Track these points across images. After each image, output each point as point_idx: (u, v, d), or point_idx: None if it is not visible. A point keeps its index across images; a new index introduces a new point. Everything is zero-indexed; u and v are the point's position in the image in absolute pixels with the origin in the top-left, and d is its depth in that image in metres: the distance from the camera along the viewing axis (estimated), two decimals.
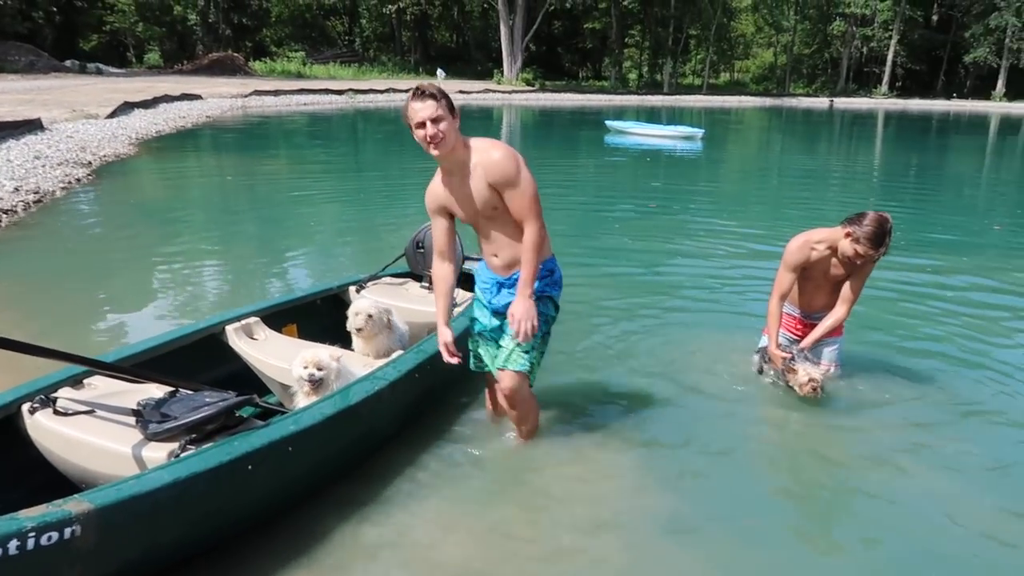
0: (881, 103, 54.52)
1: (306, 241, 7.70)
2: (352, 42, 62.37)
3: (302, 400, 3.10)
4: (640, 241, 7.82)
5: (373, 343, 3.70)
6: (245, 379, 3.51)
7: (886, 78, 59.66)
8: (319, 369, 3.05)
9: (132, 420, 2.51)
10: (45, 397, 2.60)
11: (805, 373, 3.80)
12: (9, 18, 41.13)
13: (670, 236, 8.12)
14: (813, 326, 4.07)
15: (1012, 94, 55.33)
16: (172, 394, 2.68)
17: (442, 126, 2.79)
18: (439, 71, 45.03)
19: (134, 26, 54.52)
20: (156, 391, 2.73)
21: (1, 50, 36.96)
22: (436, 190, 3.07)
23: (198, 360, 3.39)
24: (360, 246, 7.39)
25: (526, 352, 3.09)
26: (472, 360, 3.38)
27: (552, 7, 51.47)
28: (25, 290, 5.68)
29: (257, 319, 3.67)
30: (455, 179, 2.97)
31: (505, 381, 3.14)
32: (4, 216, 7.78)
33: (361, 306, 3.65)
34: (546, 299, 3.13)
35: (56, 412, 2.55)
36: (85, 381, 2.80)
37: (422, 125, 2.81)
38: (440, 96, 2.84)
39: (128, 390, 2.77)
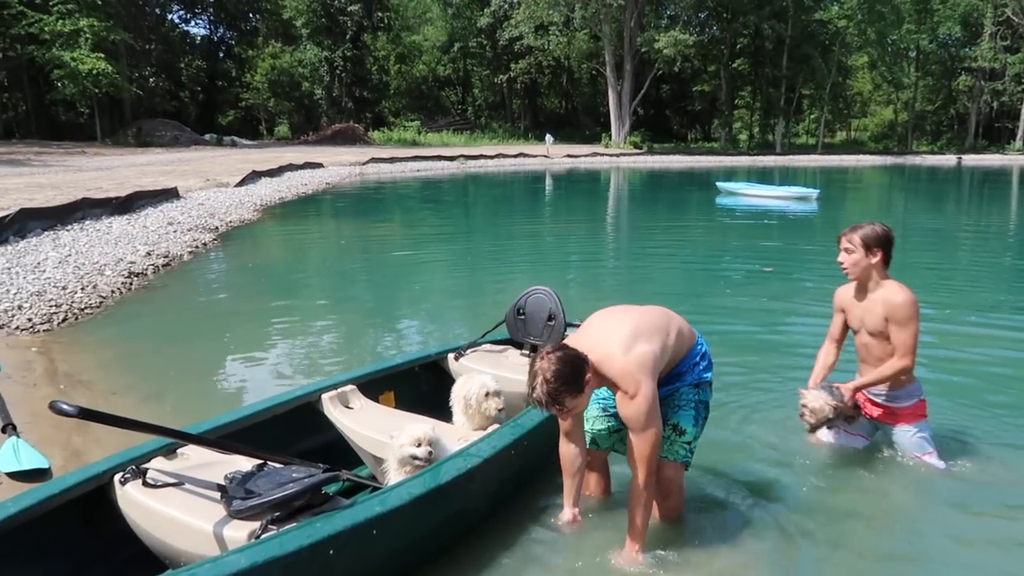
0: (1015, 159, 51.03)
1: (411, 305, 7.75)
2: (465, 110, 64.81)
3: (393, 476, 2.96)
4: (755, 301, 7.42)
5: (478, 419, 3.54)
6: (340, 449, 3.43)
7: (1020, 133, 56.00)
8: (430, 448, 2.90)
9: (217, 495, 2.44)
10: (136, 468, 2.57)
11: (806, 399, 3.66)
12: (159, 97, 45.35)
13: (787, 297, 7.69)
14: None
15: None
16: (260, 467, 2.61)
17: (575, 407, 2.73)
18: (548, 136, 45.85)
19: (267, 102, 58.90)
20: (245, 463, 2.66)
21: (150, 126, 40.61)
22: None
23: (293, 429, 3.34)
24: (464, 311, 7.35)
25: (690, 440, 2.95)
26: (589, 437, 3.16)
27: (660, 71, 51.76)
28: (142, 350, 5.92)
29: (354, 387, 3.60)
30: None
31: (667, 472, 2.96)
32: (135, 279, 8.26)
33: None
34: (705, 385, 2.97)
35: (145, 484, 2.52)
36: (178, 451, 2.77)
37: None
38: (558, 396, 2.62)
39: (219, 461, 2.71)
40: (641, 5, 49.64)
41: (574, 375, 2.60)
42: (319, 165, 27.82)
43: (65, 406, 2.08)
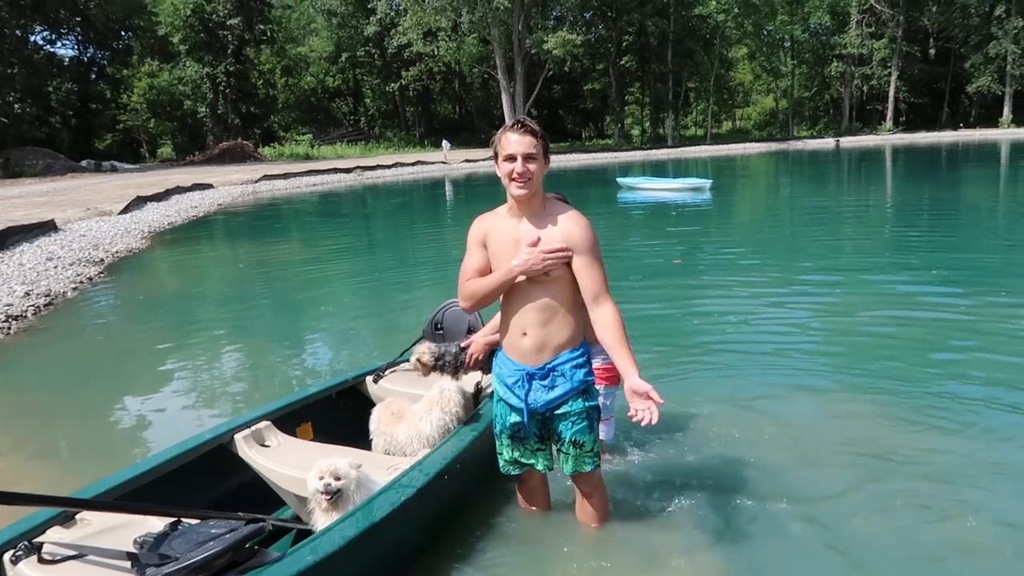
0: (887, 139, 54.54)
1: (320, 328, 7.45)
2: (357, 121, 63.79)
3: (319, 515, 2.78)
4: (668, 294, 7.55)
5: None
6: (260, 491, 3.21)
7: (890, 114, 59.86)
8: (336, 479, 2.73)
9: (128, 564, 2.19)
10: (29, 543, 2.29)
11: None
12: (27, 124, 42.52)
13: (692, 286, 7.86)
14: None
15: (1020, 119, 55.21)
16: (174, 526, 2.37)
17: (532, 166, 2.62)
18: (444, 142, 45.66)
19: (147, 123, 56.14)
20: (156, 523, 2.41)
21: (19, 155, 38.00)
22: (490, 223, 2.83)
23: (206, 476, 3.10)
24: (376, 330, 7.10)
25: (591, 448, 2.86)
26: (504, 463, 3.05)
27: (551, 72, 52.43)
28: (27, 402, 5.44)
29: (268, 423, 3.38)
30: (518, 223, 2.75)
31: (584, 485, 2.96)
32: (14, 323, 7.62)
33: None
34: (591, 387, 2.87)
35: (42, 560, 2.24)
36: (78, 517, 2.49)
37: (512, 158, 2.61)
38: (540, 135, 2.65)
39: (125, 524, 2.45)
40: (528, 7, 50.09)
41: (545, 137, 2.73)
42: (208, 186, 26.71)
43: None
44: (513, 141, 2.63)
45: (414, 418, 3.46)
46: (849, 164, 33.68)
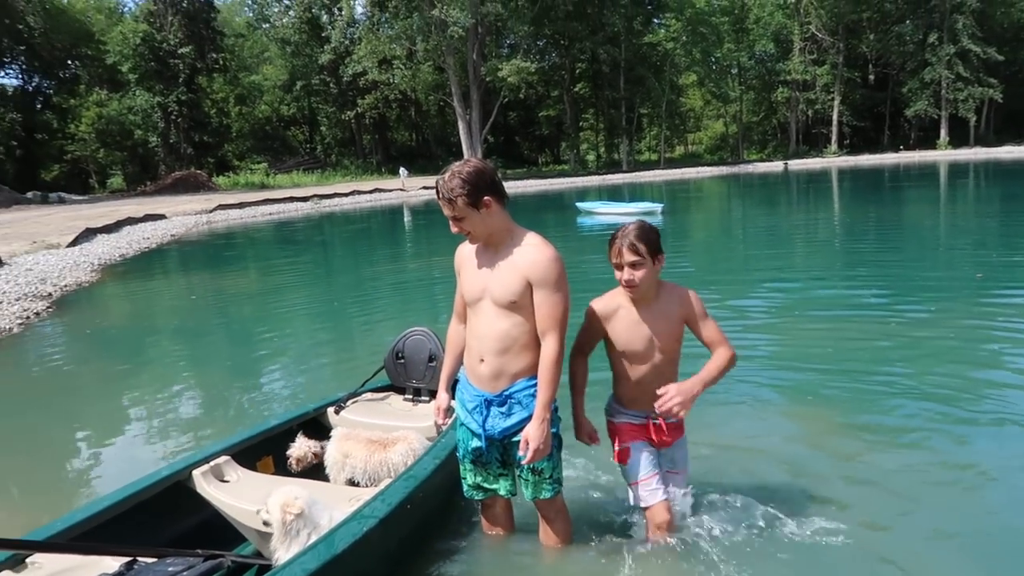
0: (833, 161, 56.26)
1: (279, 359, 7.34)
2: (313, 149, 63.49)
3: (280, 548, 2.74)
4: None
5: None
6: (220, 528, 3.15)
7: (834, 137, 61.74)
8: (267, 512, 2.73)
9: None
10: None
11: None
12: None
13: None
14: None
15: (955, 142, 57.43)
16: (129, 566, 2.33)
17: (464, 224, 2.71)
18: (402, 170, 45.67)
19: (95, 153, 55.07)
20: (111, 563, 2.36)
21: None
22: (464, 251, 2.91)
23: (163, 514, 3.04)
24: (336, 360, 7.00)
25: (550, 475, 2.87)
26: (467, 488, 3.06)
27: (506, 99, 52.97)
28: None
29: (227, 457, 3.33)
30: (487, 252, 2.79)
31: (546, 511, 2.99)
32: None
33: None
34: (554, 417, 2.85)
35: None
36: (28, 560, 2.43)
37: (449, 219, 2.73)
38: (455, 195, 2.64)
39: (79, 566, 2.40)
40: (481, 36, 50.67)
41: (478, 185, 2.64)
42: (161, 216, 26.28)
43: None
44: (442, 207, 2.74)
45: (410, 436, 3.51)
46: (798, 185, 34.60)
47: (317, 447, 3.59)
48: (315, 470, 3.57)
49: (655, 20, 59.15)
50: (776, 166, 55.19)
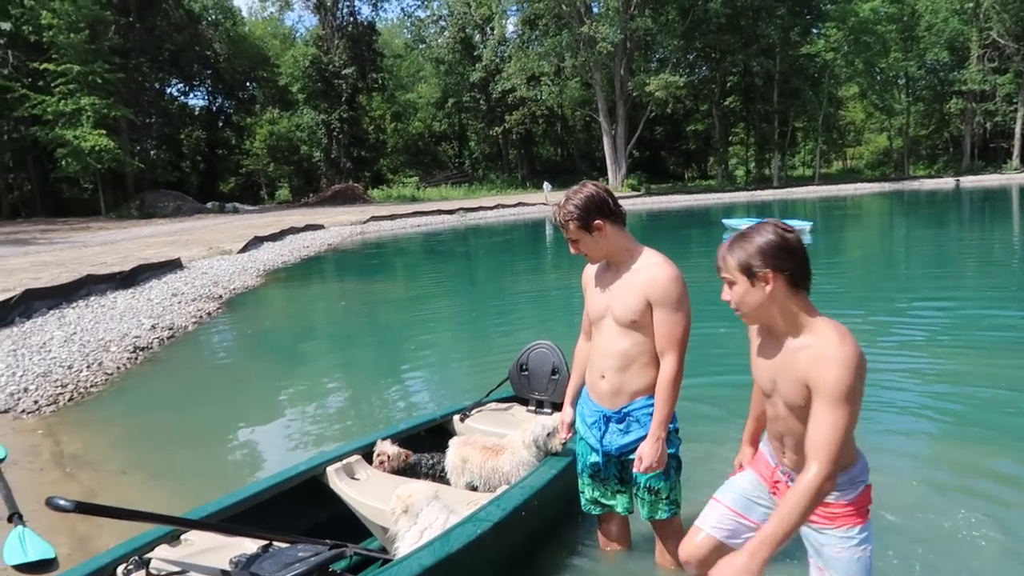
0: (1014, 178, 51.21)
1: (416, 366, 7.70)
2: (462, 163, 65.67)
3: (403, 544, 2.90)
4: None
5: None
6: (348, 522, 3.37)
7: (1016, 152, 56.26)
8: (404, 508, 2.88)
9: None
10: (139, 558, 2.53)
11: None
12: (161, 169, 46.20)
13: None
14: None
15: None
16: (265, 548, 2.56)
17: (580, 246, 2.84)
18: (545, 184, 46.27)
19: (266, 167, 59.87)
20: (250, 545, 2.61)
21: (153, 198, 41.21)
22: (589, 270, 3.01)
23: (298, 505, 3.29)
24: (470, 369, 7.25)
25: (667, 495, 2.88)
26: (585, 502, 3.11)
27: (653, 114, 52.44)
28: (149, 426, 5.90)
29: (359, 457, 3.56)
30: (609, 272, 2.88)
31: (661, 531, 2.99)
32: (141, 353, 8.26)
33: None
34: (673, 438, 2.88)
35: (149, 574, 2.47)
36: (182, 537, 2.73)
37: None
38: (566, 220, 2.80)
39: (223, 545, 2.66)
40: (630, 51, 50.55)
41: (589, 209, 2.74)
42: (320, 227, 28.08)
43: (62, 502, 2.05)
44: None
45: (518, 446, 3.59)
46: (972, 204, 31.87)
47: (404, 452, 3.68)
48: (441, 474, 3.73)
49: (814, 30, 56.36)
50: (946, 183, 51.04)
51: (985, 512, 3.55)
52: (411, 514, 2.86)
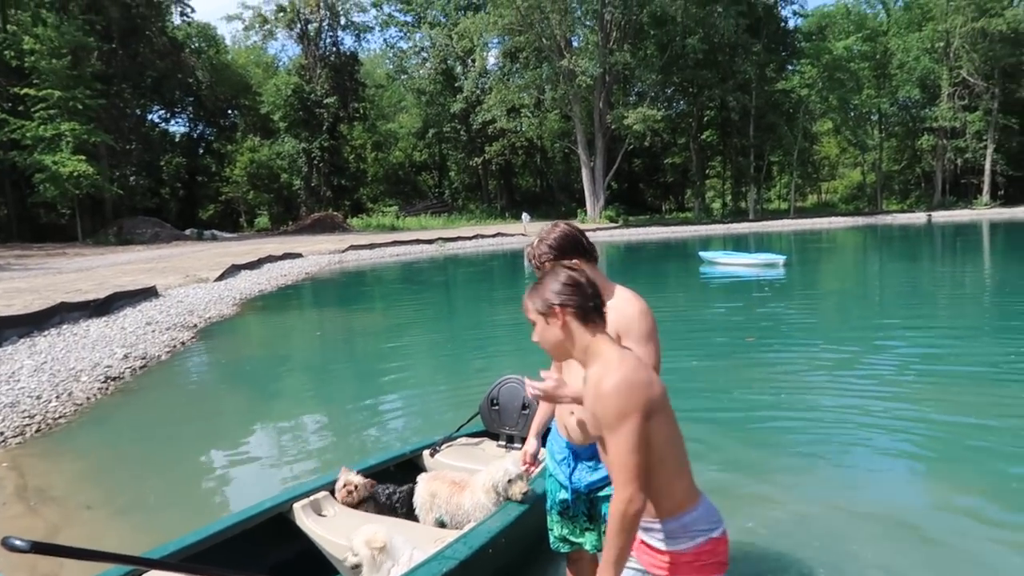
0: (984, 213, 52.37)
1: (391, 398, 7.67)
2: (442, 193, 65.89)
3: None
4: (744, 373, 7.45)
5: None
6: (315, 559, 3.36)
7: (986, 188, 57.60)
8: (354, 555, 2.89)
9: None
10: None
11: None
12: (140, 195, 45.92)
13: (764, 364, 7.73)
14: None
15: None
16: None
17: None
18: (524, 215, 46.55)
19: (246, 194, 59.76)
20: None
21: (131, 224, 40.89)
22: None
23: (264, 543, 3.27)
24: (445, 402, 7.21)
25: None
26: (554, 540, 3.10)
27: (631, 146, 53.12)
28: (116, 459, 5.84)
29: (326, 493, 3.55)
30: None
31: None
32: (112, 383, 8.17)
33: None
34: None
35: None
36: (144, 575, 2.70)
37: None
38: (543, 261, 2.81)
39: None
40: (609, 84, 51.32)
41: (564, 248, 2.79)
42: (298, 255, 28.01)
43: (18, 542, 2.03)
44: None
45: (478, 488, 3.57)
46: (943, 239, 32.49)
47: (369, 482, 3.68)
48: (412, 511, 3.72)
49: (789, 66, 57.74)
50: (918, 217, 52.03)
51: (948, 542, 3.61)
52: (377, 557, 2.86)
